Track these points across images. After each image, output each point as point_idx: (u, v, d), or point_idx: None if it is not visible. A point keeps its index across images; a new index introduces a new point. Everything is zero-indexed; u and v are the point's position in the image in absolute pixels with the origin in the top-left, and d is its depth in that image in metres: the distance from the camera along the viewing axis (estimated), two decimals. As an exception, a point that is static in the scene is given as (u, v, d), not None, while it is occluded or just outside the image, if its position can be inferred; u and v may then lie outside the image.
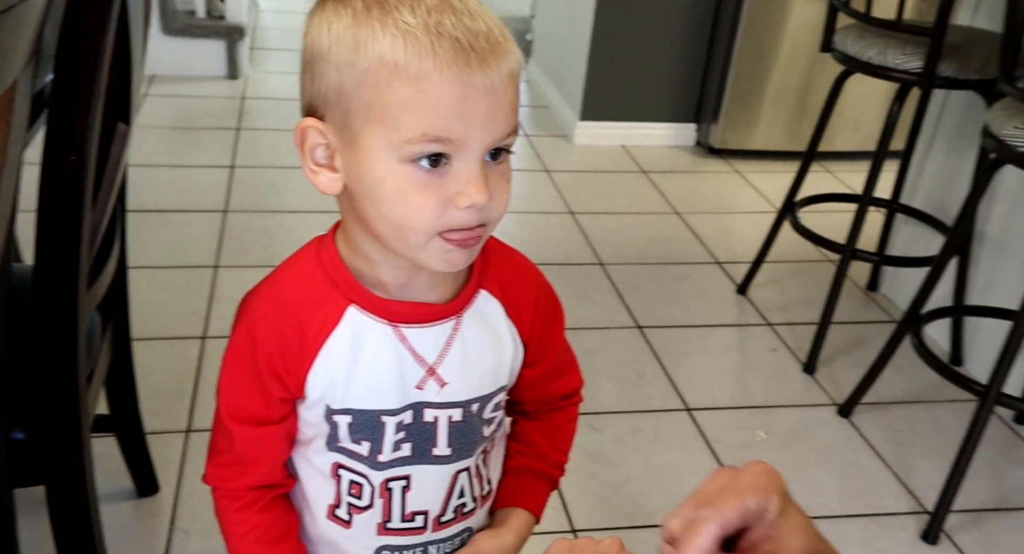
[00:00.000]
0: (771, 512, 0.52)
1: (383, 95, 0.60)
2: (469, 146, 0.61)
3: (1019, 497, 1.70)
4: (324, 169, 0.66)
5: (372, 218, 0.65)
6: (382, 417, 0.72)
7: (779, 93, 3.10)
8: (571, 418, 0.86)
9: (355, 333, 0.70)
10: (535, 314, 0.77)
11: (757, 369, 2.03)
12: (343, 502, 0.76)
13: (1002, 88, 1.49)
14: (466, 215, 0.62)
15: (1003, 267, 1.96)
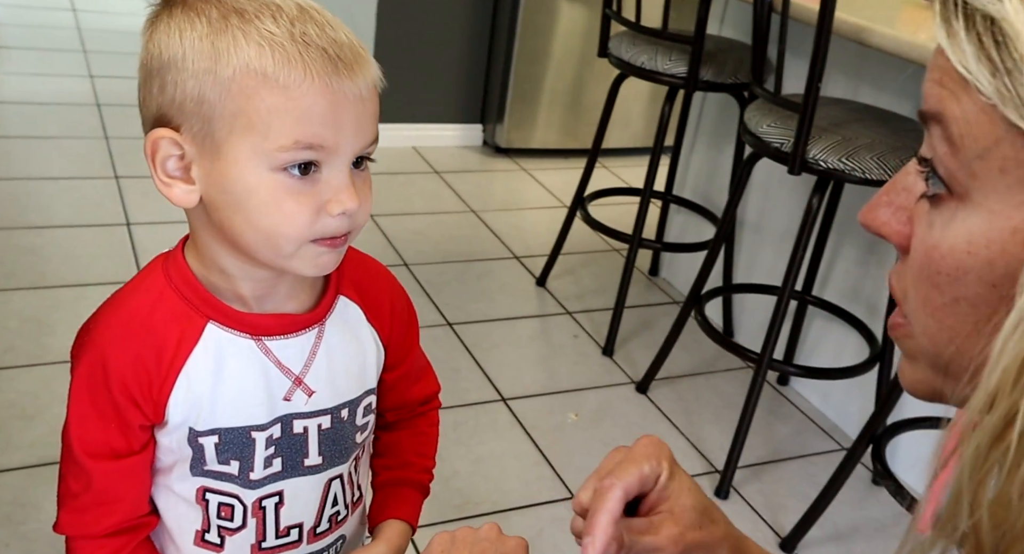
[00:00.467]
0: (663, 475, 0.60)
1: (251, 103, 0.60)
2: (339, 153, 0.62)
3: (787, 448, 1.95)
4: (178, 181, 0.64)
5: (238, 228, 0.64)
6: (252, 433, 0.71)
7: (554, 94, 3.28)
8: (432, 423, 0.88)
9: (216, 350, 0.68)
10: (393, 316, 0.79)
11: (561, 355, 2.15)
12: (212, 526, 0.74)
13: (755, 90, 1.69)
14: (337, 222, 0.63)
15: (761, 249, 2.23)
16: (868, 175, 1.50)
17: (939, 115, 0.39)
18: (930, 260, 0.40)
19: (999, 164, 0.36)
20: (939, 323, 0.41)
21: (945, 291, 0.39)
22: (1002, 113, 0.36)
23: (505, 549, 0.70)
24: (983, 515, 0.35)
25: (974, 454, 0.36)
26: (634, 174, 3.27)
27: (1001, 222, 0.37)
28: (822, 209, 1.82)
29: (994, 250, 0.37)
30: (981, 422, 0.35)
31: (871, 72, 1.86)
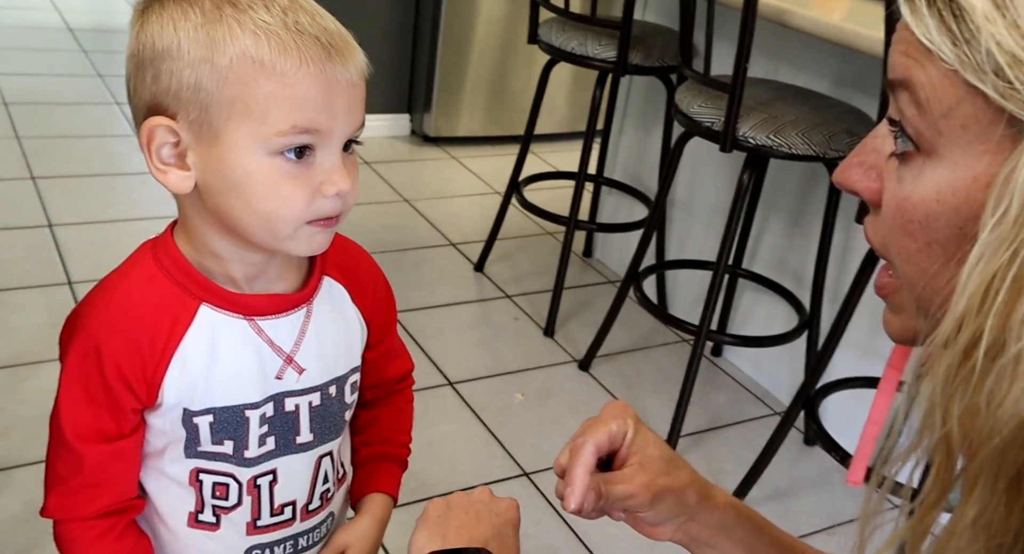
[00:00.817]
0: (630, 432, 0.65)
1: (248, 91, 0.61)
2: (333, 136, 0.64)
3: (723, 416, 2.04)
4: (173, 168, 0.65)
5: (237, 212, 0.65)
6: (246, 412, 0.72)
7: (480, 82, 3.31)
8: (408, 400, 0.91)
9: (211, 331, 0.70)
10: (375, 296, 0.81)
11: (504, 338, 2.19)
12: (207, 506, 0.75)
13: (684, 72, 1.76)
14: (332, 203, 0.66)
15: (691, 226, 2.31)
16: (794, 150, 1.58)
17: (907, 82, 0.43)
18: (902, 211, 0.45)
19: (961, 121, 0.41)
20: (914, 267, 0.45)
21: (918, 237, 0.44)
22: (963, 77, 0.40)
23: (498, 509, 0.73)
24: (953, 425, 0.40)
25: (945, 373, 0.41)
26: (562, 158, 3.33)
27: (964, 172, 0.42)
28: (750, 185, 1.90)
29: (959, 197, 0.42)
30: (950, 344, 0.40)
31: (790, 53, 1.94)
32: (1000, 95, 0.39)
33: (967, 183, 0.42)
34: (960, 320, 0.40)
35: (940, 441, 0.41)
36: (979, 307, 0.39)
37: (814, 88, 1.83)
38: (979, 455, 0.40)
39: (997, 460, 0.39)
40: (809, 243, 1.96)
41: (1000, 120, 0.40)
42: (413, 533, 0.72)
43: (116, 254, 0.73)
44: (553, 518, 1.65)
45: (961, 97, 0.41)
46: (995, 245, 0.38)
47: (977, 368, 0.39)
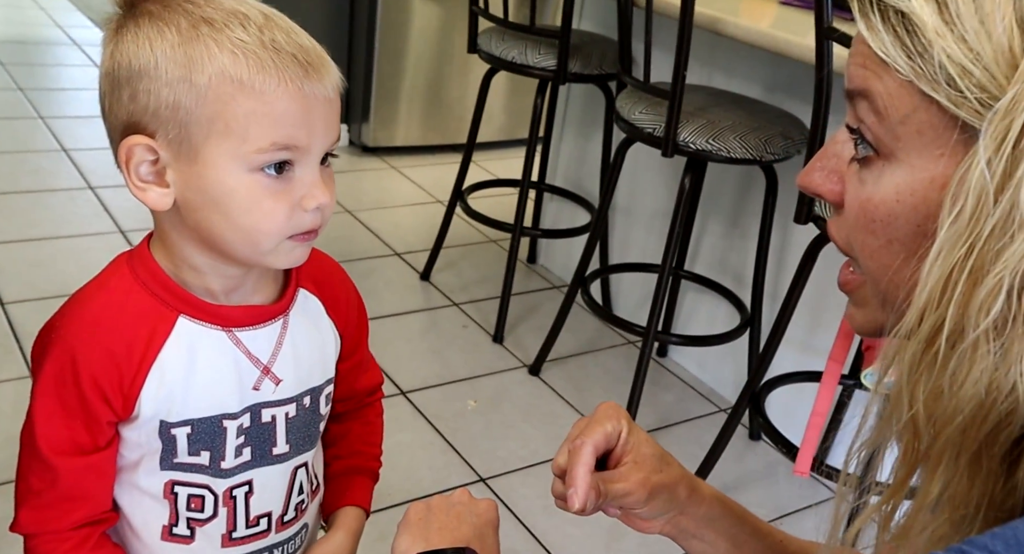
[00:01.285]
0: (624, 432, 0.68)
1: (228, 109, 0.62)
2: (311, 152, 0.65)
3: (670, 415, 2.08)
4: (152, 185, 0.65)
5: (218, 228, 0.66)
6: (224, 422, 0.72)
7: (416, 92, 3.31)
8: (378, 413, 0.91)
9: (189, 342, 0.70)
10: (348, 309, 0.82)
11: (454, 346, 2.20)
12: (181, 519, 0.74)
13: (624, 80, 1.80)
14: (312, 216, 0.67)
15: (632, 230, 2.36)
16: (733, 154, 1.64)
17: (865, 92, 0.47)
18: (865, 211, 0.48)
19: (917, 127, 0.44)
20: (877, 263, 0.49)
21: (880, 235, 0.47)
22: (917, 87, 0.44)
23: (478, 510, 0.75)
24: (919, 408, 0.44)
25: (910, 360, 0.44)
26: (501, 166, 3.36)
27: (921, 173, 0.45)
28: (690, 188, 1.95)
29: (918, 197, 0.45)
30: (914, 334, 0.43)
31: (722, 60, 2.01)
32: (953, 103, 0.42)
33: (924, 184, 0.45)
34: (922, 311, 0.43)
35: (907, 423, 0.45)
36: (939, 298, 0.42)
37: (747, 94, 1.90)
38: (943, 434, 0.43)
39: (959, 438, 0.42)
40: (748, 244, 2.02)
41: (953, 126, 0.43)
42: (396, 537, 0.72)
43: (47, 273, 0.73)
44: (511, 521, 1.66)
45: (916, 105, 0.44)
46: (952, 241, 0.41)
47: (940, 354, 0.42)
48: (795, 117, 1.76)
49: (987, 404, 0.41)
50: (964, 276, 0.41)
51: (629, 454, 0.69)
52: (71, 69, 3.95)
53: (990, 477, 0.42)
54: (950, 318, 0.42)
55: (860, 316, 0.54)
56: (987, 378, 0.41)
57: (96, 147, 3.05)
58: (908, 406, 0.44)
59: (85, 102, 3.55)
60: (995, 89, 0.41)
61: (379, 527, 1.57)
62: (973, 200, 0.41)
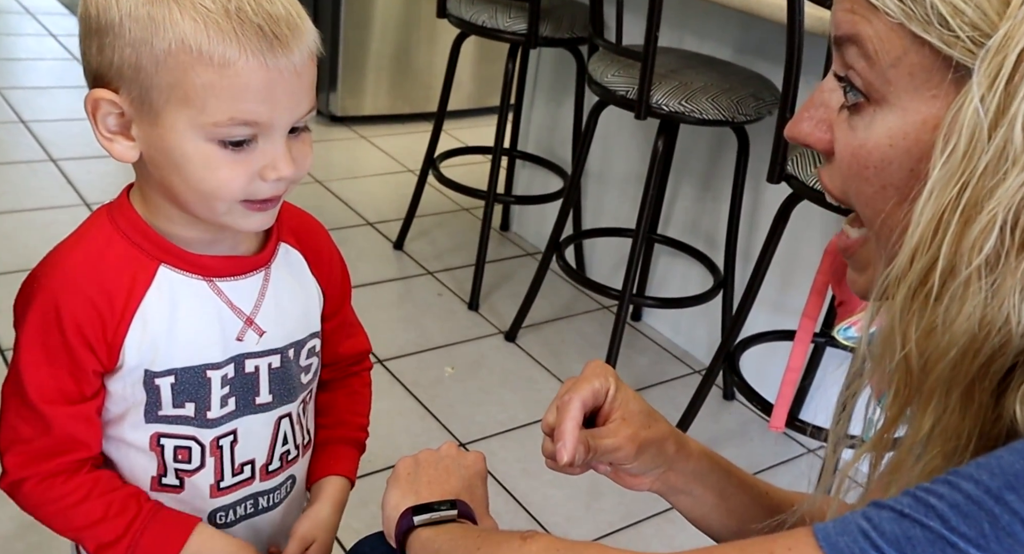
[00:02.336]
0: (611, 389, 0.69)
1: (187, 78, 0.60)
2: (275, 126, 0.64)
3: (646, 378, 2.11)
4: (119, 136, 0.65)
5: (177, 187, 0.65)
6: (207, 372, 0.72)
7: (383, 59, 3.27)
8: (365, 383, 0.91)
9: (170, 291, 0.70)
10: (331, 266, 0.82)
11: (429, 314, 2.20)
12: (169, 470, 0.75)
13: (596, 42, 1.79)
14: (270, 186, 0.65)
15: (605, 194, 2.36)
16: (705, 115, 1.64)
17: (855, 37, 0.46)
18: (857, 158, 0.48)
19: (908, 70, 0.45)
20: (871, 209, 0.49)
21: (873, 181, 0.48)
22: (908, 29, 0.44)
23: (466, 462, 0.75)
24: (912, 347, 0.44)
25: (903, 299, 0.45)
26: (471, 134, 3.33)
27: (913, 116, 0.45)
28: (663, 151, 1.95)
29: (910, 140, 0.45)
30: (907, 273, 0.44)
31: (694, 22, 2.00)
32: (945, 44, 0.42)
33: (917, 127, 0.45)
34: (914, 250, 0.43)
35: (899, 362, 0.45)
36: (932, 237, 0.43)
37: (719, 56, 1.90)
38: (935, 370, 0.44)
39: (952, 372, 0.43)
40: (720, 206, 2.04)
41: (945, 67, 0.43)
42: (385, 492, 0.73)
43: (10, 245, 0.72)
44: (491, 485, 1.67)
45: (907, 47, 0.44)
46: (945, 179, 0.42)
47: (933, 292, 0.43)
48: (766, 78, 1.77)
49: (980, 338, 0.42)
50: (957, 214, 0.42)
51: (617, 411, 0.70)
52: (26, 38, 3.84)
53: (981, 408, 0.43)
54: (943, 256, 0.42)
55: (862, 280, 0.54)
56: (979, 313, 0.41)
57: (56, 119, 2.97)
58: (901, 345, 0.45)
59: (42, 72, 3.46)
60: (987, 27, 0.41)
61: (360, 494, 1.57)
62: (966, 138, 0.41)
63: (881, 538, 0.40)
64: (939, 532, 0.39)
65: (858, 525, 0.41)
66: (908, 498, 0.41)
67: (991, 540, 0.37)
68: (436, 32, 3.28)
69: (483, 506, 0.74)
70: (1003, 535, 0.37)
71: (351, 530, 0.98)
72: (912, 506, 0.40)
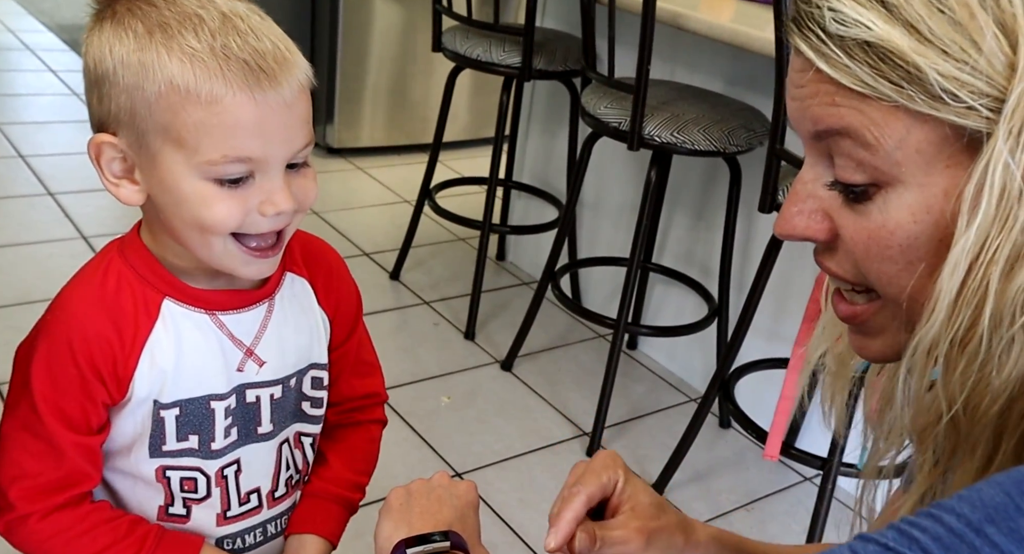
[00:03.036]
0: (620, 481, 0.69)
1: (178, 119, 0.62)
2: (270, 161, 0.64)
3: (642, 406, 2.11)
4: (124, 181, 0.66)
5: (176, 226, 0.67)
6: (211, 403, 0.73)
7: (380, 92, 3.31)
8: (372, 438, 0.89)
9: (175, 325, 0.71)
10: (339, 295, 0.82)
11: (425, 344, 2.20)
12: (177, 499, 0.75)
13: (589, 75, 1.82)
14: (268, 222, 0.66)
15: (599, 224, 2.38)
16: (697, 146, 1.67)
17: (845, 130, 0.46)
18: (877, 240, 0.47)
19: (915, 147, 0.45)
20: (896, 287, 0.48)
21: (899, 259, 0.47)
22: (911, 109, 0.44)
23: (458, 492, 0.75)
24: (959, 407, 0.44)
25: (944, 362, 0.44)
26: (466, 165, 3.36)
27: (932, 189, 0.45)
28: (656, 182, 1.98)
29: (935, 212, 0.45)
30: (943, 334, 0.44)
31: (684, 55, 2.04)
32: (958, 116, 0.43)
33: (939, 198, 0.45)
34: (953, 311, 0.43)
35: (947, 423, 0.45)
36: (972, 295, 0.43)
37: (710, 88, 1.93)
38: (985, 417, 0.44)
39: (1000, 418, 0.43)
40: (714, 235, 2.06)
41: (954, 136, 0.44)
42: (378, 524, 0.73)
43: (8, 280, 0.73)
44: (488, 514, 1.67)
45: (908, 126, 0.44)
46: (979, 238, 0.42)
47: (982, 345, 0.43)
48: (757, 110, 1.80)
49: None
50: (998, 269, 0.42)
51: (627, 503, 0.69)
52: (25, 74, 3.88)
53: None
54: (988, 311, 0.42)
55: (875, 345, 0.53)
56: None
57: (54, 153, 2.99)
58: (947, 408, 0.45)
59: (42, 107, 3.49)
60: (998, 91, 0.42)
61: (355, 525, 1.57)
62: (998, 194, 0.42)
63: None
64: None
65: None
66: (893, 531, 0.41)
67: None
68: (432, 65, 3.33)
69: (475, 536, 0.74)
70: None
71: (346, 560, 0.98)
72: (896, 539, 0.41)
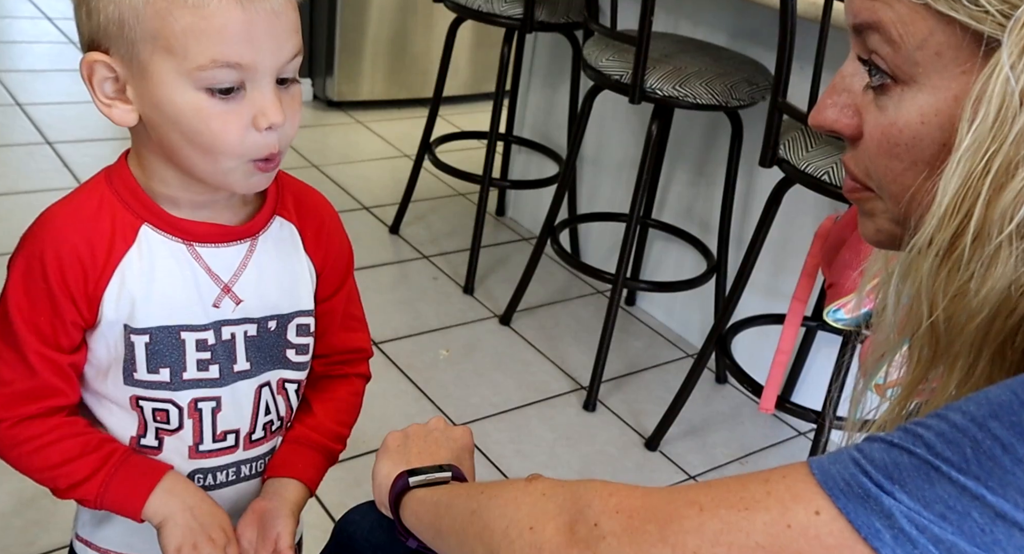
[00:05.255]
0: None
1: (166, 25, 0.62)
2: (260, 70, 0.64)
3: (639, 361, 2.13)
4: (117, 101, 0.66)
5: (176, 144, 0.66)
6: (182, 333, 0.73)
7: (380, 45, 3.27)
8: (355, 392, 0.89)
9: (149, 251, 0.71)
10: (329, 244, 0.82)
11: (425, 297, 2.21)
12: (149, 429, 0.76)
13: (592, 27, 1.80)
14: (266, 138, 0.66)
15: (599, 179, 2.37)
16: (699, 100, 1.65)
17: (876, 23, 0.47)
18: (887, 136, 0.49)
19: (935, 49, 0.45)
20: (900, 184, 0.49)
21: (904, 158, 0.48)
22: (934, 8, 0.44)
23: (454, 435, 0.77)
24: (939, 313, 0.45)
25: (930, 266, 0.45)
26: (467, 120, 3.34)
27: (944, 93, 0.46)
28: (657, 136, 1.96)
29: (943, 116, 0.46)
30: (934, 240, 0.45)
31: (688, 7, 2.01)
32: (974, 20, 0.43)
33: (949, 103, 0.46)
34: (943, 217, 0.44)
35: (926, 329, 0.46)
36: (961, 204, 0.43)
37: (713, 41, 1.91)
38: (965, 331, 0.45)
39: (982, 334, 0.44)
40: (714, 191, 2.05)
41: (973, 41, 0.44)
42: (376, 464, 0.74)
43: (6, 227, 0.73)
44: (485, 465, 1.70)
45: (932, 27, 0.45)
46: (974, 148, 0.43)
47: (964, 257, 0.44)
48: (759, 64, 1.78)
49: (1013, 299, 0.43)
50: (988, 181, 0.42)
51: None
52: (20, 21, 3.83)
53: (1011, 368, 0.44)
54: (974, 222, 0.43)
55: (872, 226, 0.54)
56: (1011, 276, 0.42)
57: (52, 101, 2.97)
58: (928, 313, 0.46)
59: (38, 56, 3.45)
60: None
61: (355, 473, 1.60)
62: (996, 106, 0.42)
63: (871, 464, 0.42)
64: (924, 458, 0.40)
65: (850, 455, 0.43)
66: (899, 431, 0.43)
67: (972, 463, 0.39)
68: (433, 18, 3.28)
69: (471, 479, 0.76)
70: (984, 458, 0.39)
71: (344, 509, 0.99)
72: (901, 437, 0.42)
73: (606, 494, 0.52)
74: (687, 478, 1.76)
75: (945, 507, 0.39)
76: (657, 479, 1.74)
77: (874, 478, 0.41)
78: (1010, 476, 0.38)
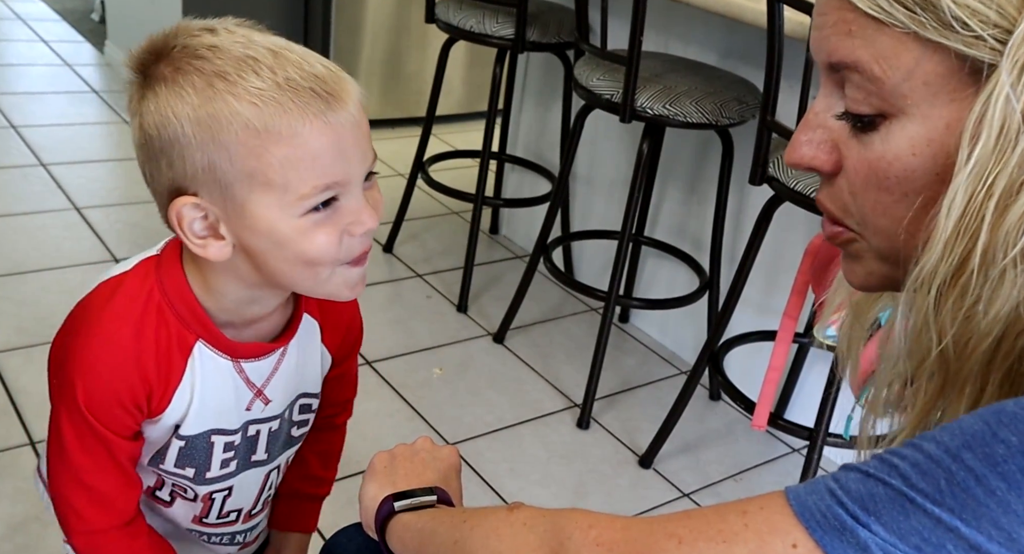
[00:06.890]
0: None
1: (262, 161, 0.61)
2: (352, 181, 0.64)
3: (634, 378, 2.13)
4: (209, 239, 0.65)
5: (282, 267, 0.66)
6: (213, 437, 0.75)
7: (374, 65, 3.29)
8: (341, 435, 0.95)
9: (201, 366, 0.72)
10: (345, 333, 0.83)
11: (418, 316, 2.21)
12: (166, 487, 0.78)
13: (582, 47, 1.81)
14: (360, 241, 0.66)
15: (592, 198, 2.38)
16: (690, 119, 1.66)
17: (855, 64, 0.46)
18: (876, 170, 0.47)
19: (922, 79, 0.45)
20: (891, 216, 0.48)
21: (895, 190, 0.47)
22: (923, 37, 0.44)
23: (441, 455, 0.77)
24: (948, 341, 0.45)
25: (936, 292, 0.45)
26: (460, 139, 3.35)
27: (935, 122, 0.45)
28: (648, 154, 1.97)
29: (935, 146, 0.45)
30: (940, 265, 0.44)
31: (678, 27, 2.03)
32: (966, 46, 0.43)
33: (940, 131, 0.45)
34: (947, 243, 0.44)
35: (935, 357, 0.46)
36: (965, 229, 0.43)
37: (703, 60, 1.92)
38: (974, 354, 0.44)
39: (989, 356, 0.44)
40: (706, 208, 2.06)
41: (962, 68, 0.44)
42: (362, 486, 0.74)
43: (3, 250, 0.73)
44: (479, 484, 1.69)
45: (918, 57, 0.44)
46: (976, 172, 0.42)
47: (973, 280, 0.43)
48: (749, 82, 1.79)
49: (1023, 319, 0.43)
50: (992, 203, 0.42)
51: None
52: (16, 44, 3.85)
53: (1020, 391, 0.44)
54: (980, 245, 0.43)
55: (860, 269, 0.53)
56: (1017, 297, 0.42)
57: (46, 123, 2.98)
58: (937, 340, 0.45)
59: (34, 78, 3.47)
60: (1008, 22, 0.42)
61: (348, 492, 1.58)
62: (997, 128, 0.42)
63: (847, 496, 0.42)
64: (899, 489, 0.40)
65: (826, 485, 0.43)
66: (875, 460, 0.43)
67: (947, 495, 0.39)
68: (426, 38, 3.31)
69: (458, 499, 0.75)
70: (958, 490, 0.39)
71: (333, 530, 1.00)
72: (877, 467, 0.42)
73: (586, 526, 0.52)
74: (681, 496, 1.76)
75: (920, 539, 0.39)
76: (651, 497, 1.73)
77: (850, 510, 0.41)
78: (983, 508, 0.38)
